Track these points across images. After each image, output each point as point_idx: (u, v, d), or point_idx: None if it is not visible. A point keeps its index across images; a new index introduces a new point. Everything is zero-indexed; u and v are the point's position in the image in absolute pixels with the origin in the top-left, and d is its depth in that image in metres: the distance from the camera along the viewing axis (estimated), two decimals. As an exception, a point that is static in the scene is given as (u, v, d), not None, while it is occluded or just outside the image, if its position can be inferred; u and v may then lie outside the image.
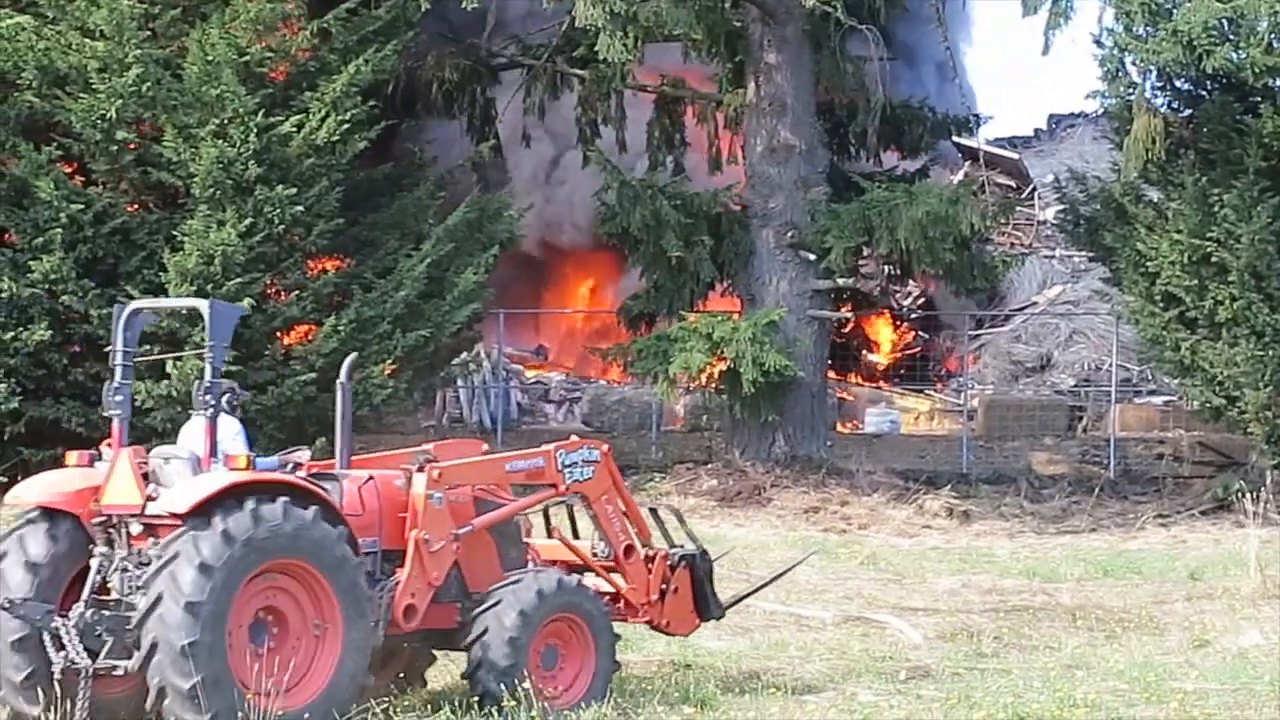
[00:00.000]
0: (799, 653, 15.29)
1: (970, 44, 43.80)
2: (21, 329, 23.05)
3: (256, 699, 10.86)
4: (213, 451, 11.76)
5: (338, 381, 12.46)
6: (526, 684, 11.79)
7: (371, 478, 12.30)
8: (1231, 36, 24.28)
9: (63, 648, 11.32)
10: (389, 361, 24.17)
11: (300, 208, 23.33)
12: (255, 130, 23.20)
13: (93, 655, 11.30)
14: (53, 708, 11.23)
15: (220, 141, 23.10)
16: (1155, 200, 26.77)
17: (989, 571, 20.73)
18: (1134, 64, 25.21)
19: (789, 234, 26.32)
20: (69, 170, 24.02)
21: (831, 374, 30.30)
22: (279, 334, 24.23)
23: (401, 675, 12.70)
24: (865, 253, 26.93)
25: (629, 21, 24.03)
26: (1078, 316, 37.00)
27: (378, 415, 25.07)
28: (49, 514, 11.74)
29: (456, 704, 11.91)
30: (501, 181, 30.59)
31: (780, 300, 26.19)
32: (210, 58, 23.25)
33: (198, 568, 10.86)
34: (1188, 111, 26.25)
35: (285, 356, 23.85)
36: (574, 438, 13.62)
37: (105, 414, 11.96)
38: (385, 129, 24.93)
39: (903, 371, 36.56)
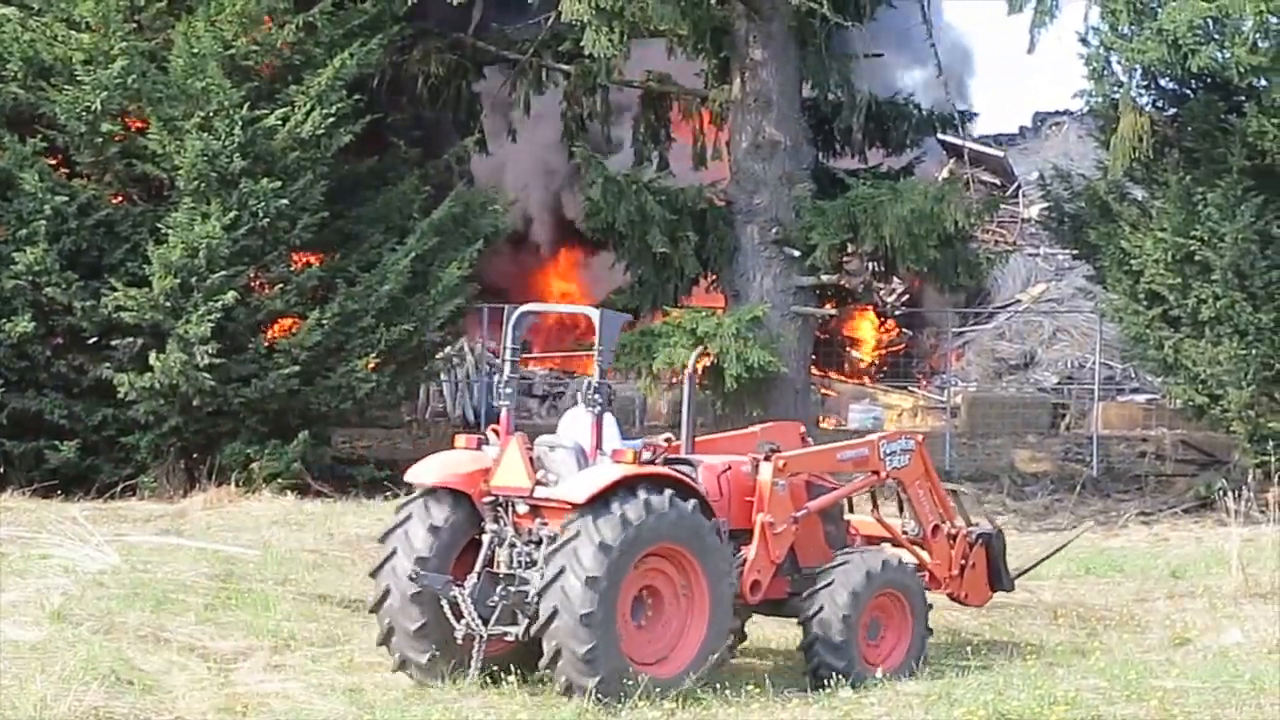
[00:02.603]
0: (781, 648, 15.30)
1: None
2: (5, 321, 23.02)
3: (639, 667, 12.27)
4: (598, 444, 12.86)
5: (685, 372, 13.55)
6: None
7: (729, 466, 13.54)
8: (1216, 36, 24.29)
9: (460, 615, 12.63)
10: (372, 355, 24.16)
11: (285, 201, 23.32)
12: (240, 123, 23.20)
13: (484, 621, 12.62)
14: (444, 665, 12.66)
15: (205, 134, 23.08)
16: (1139, 199, 26.80)
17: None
18: (1119, 63, 25.21)
19: (773, 230, 26.27)
20: (53, 162, 24.01)
21: (815, 370, 30.28)
22: (262, 327, 24.21)
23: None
24: (849, 249, 26.89)
25: (614, 16, 23.98)
26: (1061, 314, 37.07)
27: (360, 409, 25.04)
28: (441, 492, 12.92)
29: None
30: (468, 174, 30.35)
31: (764, 296, 26.13)
32: (195, 50, 23.25)
33: (598, 547, 12.12)
34: (1172, 110, 26.25)
35: (269, 350, 23.82)
36: (892, 428, 14.97)
37: (496, 404, 13.43)
38: (370, 122, 24.90)
39: (886, 368, 36.59)
